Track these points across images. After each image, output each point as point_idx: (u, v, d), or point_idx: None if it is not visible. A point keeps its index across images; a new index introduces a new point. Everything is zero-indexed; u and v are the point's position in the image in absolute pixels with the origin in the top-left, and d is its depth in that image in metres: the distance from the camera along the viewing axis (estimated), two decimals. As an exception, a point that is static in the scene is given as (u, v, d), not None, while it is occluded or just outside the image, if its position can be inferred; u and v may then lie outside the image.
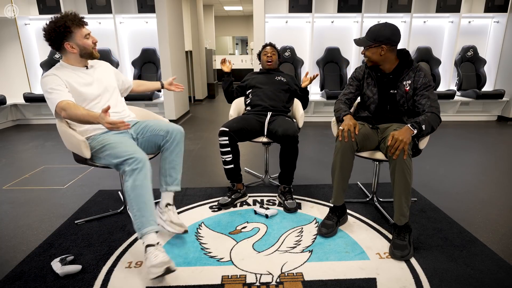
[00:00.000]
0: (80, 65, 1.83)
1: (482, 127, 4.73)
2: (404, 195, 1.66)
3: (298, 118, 2.43)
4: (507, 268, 1.54)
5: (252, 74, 2.65)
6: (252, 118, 2.32)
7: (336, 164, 1.81)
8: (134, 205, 1.55)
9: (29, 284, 1.45)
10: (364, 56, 1.91)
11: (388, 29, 1.81)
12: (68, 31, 1.69)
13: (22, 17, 4.81)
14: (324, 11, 5.11)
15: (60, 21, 1.68)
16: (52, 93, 1.66)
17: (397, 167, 1.64)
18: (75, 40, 1.72)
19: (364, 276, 1.49)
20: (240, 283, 1.45)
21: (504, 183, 2.63)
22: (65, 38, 1.70)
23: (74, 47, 1.74)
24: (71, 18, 1.70)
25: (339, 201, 1.87)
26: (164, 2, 4.53)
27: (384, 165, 1.97)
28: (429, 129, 1.73)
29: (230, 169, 2.18)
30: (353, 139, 1.75)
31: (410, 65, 1.87)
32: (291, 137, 2.05)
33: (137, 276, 1.50)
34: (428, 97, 1.80)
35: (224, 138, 2.10)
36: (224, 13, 11.75)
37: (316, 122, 5.07)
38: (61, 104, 1.63)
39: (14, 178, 2.78)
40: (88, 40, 1.76)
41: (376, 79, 1.95)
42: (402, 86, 1.87)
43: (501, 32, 4.98)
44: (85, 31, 1.75)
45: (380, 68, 1.93)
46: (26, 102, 4.80)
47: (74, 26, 1.70)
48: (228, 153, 2.13)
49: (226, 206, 2.15)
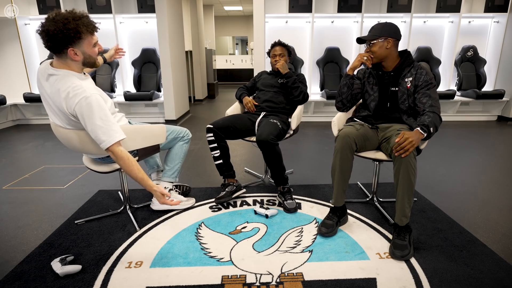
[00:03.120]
0: (81, 71, 1.62)
1: (482, 127, 4.73)
2: (407, 195, 1.66)
3: (292, 119, 2.37)
4: (507, 268, 1.54)
5: (262, 73, 2.64)
6: (245, 117, 2.35)
7: (335, 164, 1.81)
8: (181, 161, 2.16)
9: (29, 284, 1.45)
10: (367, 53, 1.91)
11: (392, 25, 1.88)
12: (78, 37, 1.46)
13: (22, 17, 4.81)
14: (324, 11, 5.11)
15: (72, 23, 1.43)
16: (105, 123, 1.50)
17: (402, 167, 1.63)
18: (82, 47, 1.51)
19: (364, 276, 1.49)
20: (240, 283, 1.45)
21: (504, 183, 2.63)
22: (71, 43, 1.47)
23: (78, 54, 1.51)
24: (85, 22, 1.48)
25: (339, 202, 1.87)
26: (164, 2, 4.54)
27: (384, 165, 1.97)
28: (434, 131, 1.73)
29: (219, 164, 2.23)
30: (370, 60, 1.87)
31: (411, 64, 1.89)
32: (263, 142, 2.02)
33: (137, 276, 1.50)
34: (429, 96, 1.80)
35: (209, 135, 2.17)
36: (224, 13, 11.75)
37: (316, 122, 5.07)
38: (118, 148, 1.54)
39: (14, 178, 2.78)
40: (95, 48, 1.57)
41: (377, 77, 1.96)
42: (404, 83, 1.87)
43: (501, 32, 4.98)
44: (95, 38, 1.55)
45: (381, 66, 1.94)
46: (26, 102, 4.80)
47: (86, 32, 1.49)
48: (215, 149, 2.19)
49: (222, 199, 2.16)
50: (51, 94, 1.55)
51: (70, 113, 1.54)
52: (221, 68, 11.49)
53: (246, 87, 2.62)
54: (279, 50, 2.48)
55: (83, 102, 1.49)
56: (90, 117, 1.50)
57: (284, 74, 2.41)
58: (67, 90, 1.50)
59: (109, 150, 1.54)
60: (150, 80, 5.21)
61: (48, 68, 1.55)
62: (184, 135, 2.17)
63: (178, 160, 2.16)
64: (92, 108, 1.50)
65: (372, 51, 1.88)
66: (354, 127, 1.89)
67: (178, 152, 2.15)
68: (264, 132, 2.07)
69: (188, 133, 2.21)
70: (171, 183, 2.16)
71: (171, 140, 2.10)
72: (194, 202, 2.23)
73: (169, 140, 2.09)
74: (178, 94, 5.18)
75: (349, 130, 1.84)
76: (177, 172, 2.17)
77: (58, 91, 1.52)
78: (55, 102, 1.56)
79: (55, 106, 1.58)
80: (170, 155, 2.15)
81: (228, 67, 11.87)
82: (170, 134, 2.09)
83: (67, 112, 1.54)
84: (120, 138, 1.55)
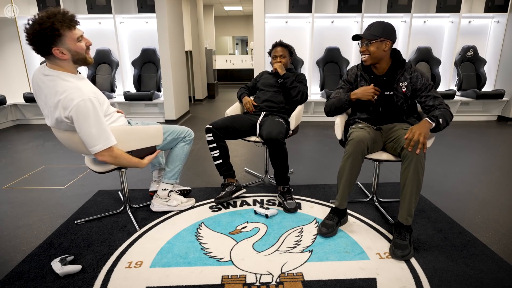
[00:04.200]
0: (75, 72, 1.60)
1: (482, 127, 4.73)
2: (415, 195, 1.65)
3: (291, 118, 2.36)
4: (507, 268, 1.54)
5: (263, 73, 2.64)
6: (245, 117, 2.35)
7: (345, 168, 1.78)
8: (181, 163, 2.11)
9: (29, 284, 1.45)
10: (363, 53, 1.86)
11: (391, 26, 1.84)
12: (57, 34, 1.42)
13: (22, 17, 4.81)
14: (324, 11, 5.11)
15: (46, 22, 1.39)
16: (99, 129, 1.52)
17: (412, 166, 1.61)
18: (65, 45, 1.46)
19: (364, 276, 1.49)
20: (240, 283, 1.45)
21: (504, 183, 2.63)
22: (53, 43, 1.44)
23: (64, 52, 1.48)
24: (60, 18, 1.42)
25: (343, 205, 1.86)
26: (164, 2, 4.53)
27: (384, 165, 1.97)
28: (445, 123, 1.73)
29: (219, 164, 2.22)
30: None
31: (402, 65, 1.87)
32: (273, 140, 2.04)
33: (137, 276, 1.50)
34: (434, 96, 1.81)
35: (208, 135, 2.17)
36: (224, 13, 11.75)
37: (316, 122, 5.07)
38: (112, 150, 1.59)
39: (14, 178, 2.78)
40: (81, 43, 1.51)
41: (369, 81, 1.93)
42: (399, 88, 1.87)
43: (501, 32, 4.98)
44: (77, 32, 1.49)
45: (373, 70, 1.92)
46: (26, 102, 4.80)
47: (64, 28, 1.43)
48: (215, 149, 2.18)
49: (222, 199, 2.16)
50: (48, 95, 1.53)
51: (64, 116, 1.52)
52: (221, 68, 11.49)
53: (248, 87, 2.62)
54: (280, 51, 2.49)
55: (78, 106, 1.47)
56: (84, 121, 1.49)
57: (282, 75, 2.41)
58: (63, 92, 1.48)
59: (99, 155, 1.58)
60: (150, 80, 5.20)
61: (44, 68, 1.55)
62: (186, 135, 2.10)
63: (179, 162, 2.10)
64: (87, 113, 1.48)
65: (369, 51, 1.83)
66: (365, 130, 1.85)
67: (179, 153, 2.09)
68: (274, 131, 2.07)
69: (191, 133, 2.14)
70: (171, 184, 2.14)
71: (171, 141, 2.04)
72: (194, 202, 2.21)
73: (169, 141, 2.03)
74: (178, 94, 5.18)
75: (362, 134, 1.78)
76: (178, 173, 2.13)
77: (55, 93, 1.50)
78: (50, 103, 1.54)
79: (50, 106, 1.55)
80: (171, 156, 2.09)
81: (228, 67, 11.87)
82: (170, 135, 2.02)
83: (61, 114, 1.51)
84: (111, 144, 1.58)
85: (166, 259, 1.63)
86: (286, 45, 2.53)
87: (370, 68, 1.93)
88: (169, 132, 2.03)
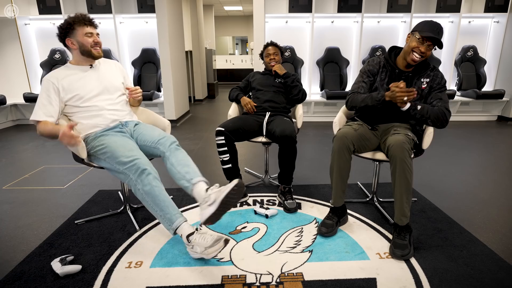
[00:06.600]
0: (85, 63, 1.91)
1: (482, 127, 4.73)
2: (405, 195, 1.66)
3: (297, 118, 2.43)
4: (507, 268, 1.54)
5: (255, 74, 2.62)
6: (250, 118, 2.33)
7: (333, 165, 1.81)
8: (155, 207, 1.59)
9: (29, 284, 1.45)
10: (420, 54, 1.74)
11: None
12: (71, 28, 1.80)
13: (22, 17, 4.81)
14: (324, 11, 5.11)
15: (69, 19, 1.82)
16: (38, 104, 1.80)
17: (398, 167, 1.64)
18: (75, 37, 1.82)
19: (364, 276, 1.49)
20: (240, 283, 1.45)
21: (504, 183, 2.63)
22: (68, 35, 1.82)
23: (74, 43, 1.83)
24: (77, 16, 1.82)
25: (338, 202, 1.87)
26: (164, 2, 4.53)
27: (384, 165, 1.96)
28: (425, 114, 1.76)
29: (228, 168, 2.19)
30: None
31: (428, 65, 1.88)
32: (288, 138, 2.05)
33: (137, 276, 1.50)
34: (440, 98, 1.82)
35: (220, 138, 2.12)
36: (224, 13, 11.75)
37: (316, 122, 5.07)
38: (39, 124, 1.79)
39: (14, 178, 2.78)
40: (88, 38, 1.83)
41: (390, 76, 1.90)
42: (420, 83, 1.86)
43: (501, 32, 4.98)
44: (87, 29, 1.82)
45: (397, 64, 1.89)
46: (26, 102, 4.80)
47: (77, 23, 1.80)
48: (225, 152, 2.14)
49: None
50: None
51: None
52: (221, 68, 11.48)
53: (240, 87, 2.58)
54: (272, 49, 2.51)
55: (42, 81, 1.86)
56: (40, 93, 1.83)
57: (282, 74, 2.42)
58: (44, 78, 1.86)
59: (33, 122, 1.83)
60: (150, 80, 5.21)
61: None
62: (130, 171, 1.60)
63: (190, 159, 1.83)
64: (41, 88, 1.83)
65: (427, 54, 1.75)
66: (352, 127, 1.88)
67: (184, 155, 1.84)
68: (287, 129, 2.07)
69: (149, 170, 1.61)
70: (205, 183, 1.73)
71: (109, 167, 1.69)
72: (222, 246, 1.53)
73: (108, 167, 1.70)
74: (178, 94, 5.18)
75: (346, 130, 1.83)
76: (168, 220, 1.60)
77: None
78: None
79: None
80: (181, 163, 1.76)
81: (228, 67, 11.87)
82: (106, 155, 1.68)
83: None
84: (37, 119, 1.78)
85: (166, 259, 1.63)
86: (277, 45, 2.55)
87: (394, 61, 1.90)
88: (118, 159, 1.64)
